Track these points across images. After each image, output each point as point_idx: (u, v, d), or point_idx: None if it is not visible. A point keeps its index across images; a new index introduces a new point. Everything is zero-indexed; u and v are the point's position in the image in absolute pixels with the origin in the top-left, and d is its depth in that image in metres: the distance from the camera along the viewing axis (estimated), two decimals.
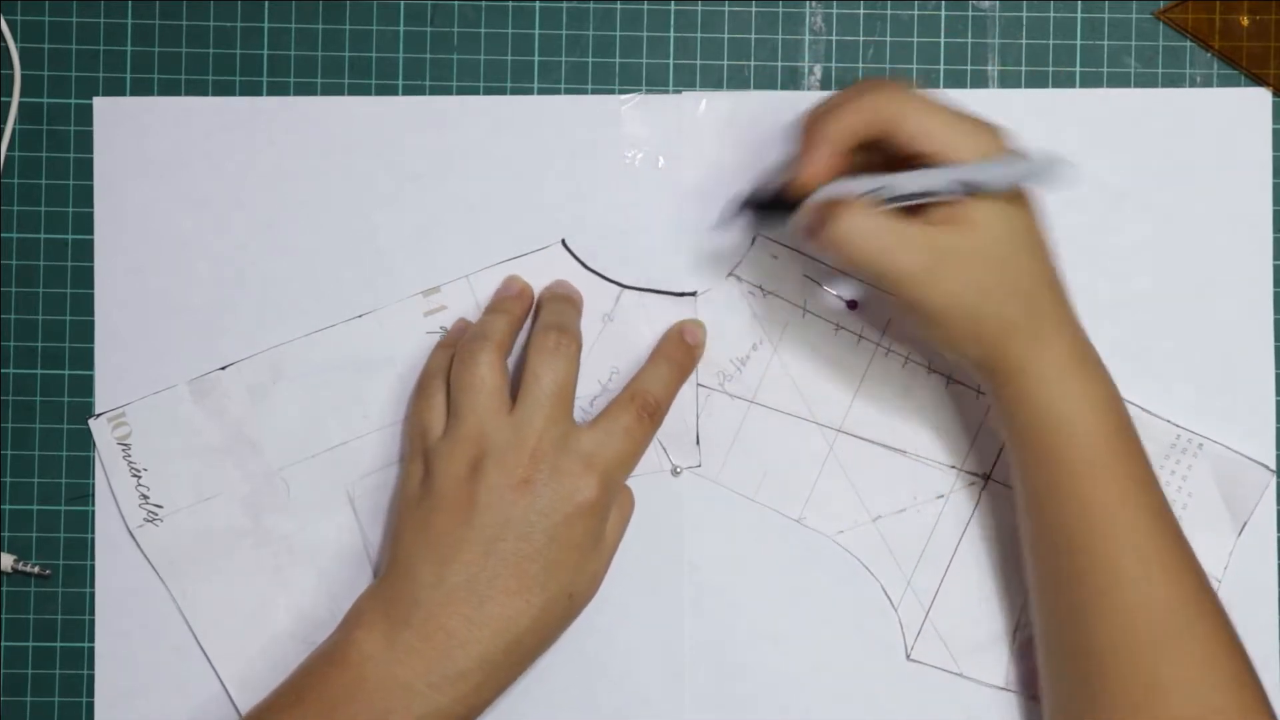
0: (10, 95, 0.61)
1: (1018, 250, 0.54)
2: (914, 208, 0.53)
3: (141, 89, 0.61)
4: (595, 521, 0.56)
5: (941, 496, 0.62)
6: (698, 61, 0.62)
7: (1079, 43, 0.62)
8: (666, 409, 0.58)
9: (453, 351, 0.58)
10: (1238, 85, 0.62)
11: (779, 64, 0.62)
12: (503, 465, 0.55)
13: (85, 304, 0.61)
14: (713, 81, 0.62)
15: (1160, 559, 0.53)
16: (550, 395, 0.55)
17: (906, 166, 0.53)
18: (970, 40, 0.62)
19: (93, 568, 0.61)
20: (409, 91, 0.62)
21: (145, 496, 0.61)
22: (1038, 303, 0.54)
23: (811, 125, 0.54)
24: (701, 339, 0.61)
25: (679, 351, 0.60)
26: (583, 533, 0.55)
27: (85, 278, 0.61)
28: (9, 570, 0.61)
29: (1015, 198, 0.54)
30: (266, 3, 0.62)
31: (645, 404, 0.57)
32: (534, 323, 0.59)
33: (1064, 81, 0.62)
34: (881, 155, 0.54)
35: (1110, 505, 0.54)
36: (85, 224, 0.61)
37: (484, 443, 0.55)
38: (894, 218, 0.53)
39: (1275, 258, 0.62)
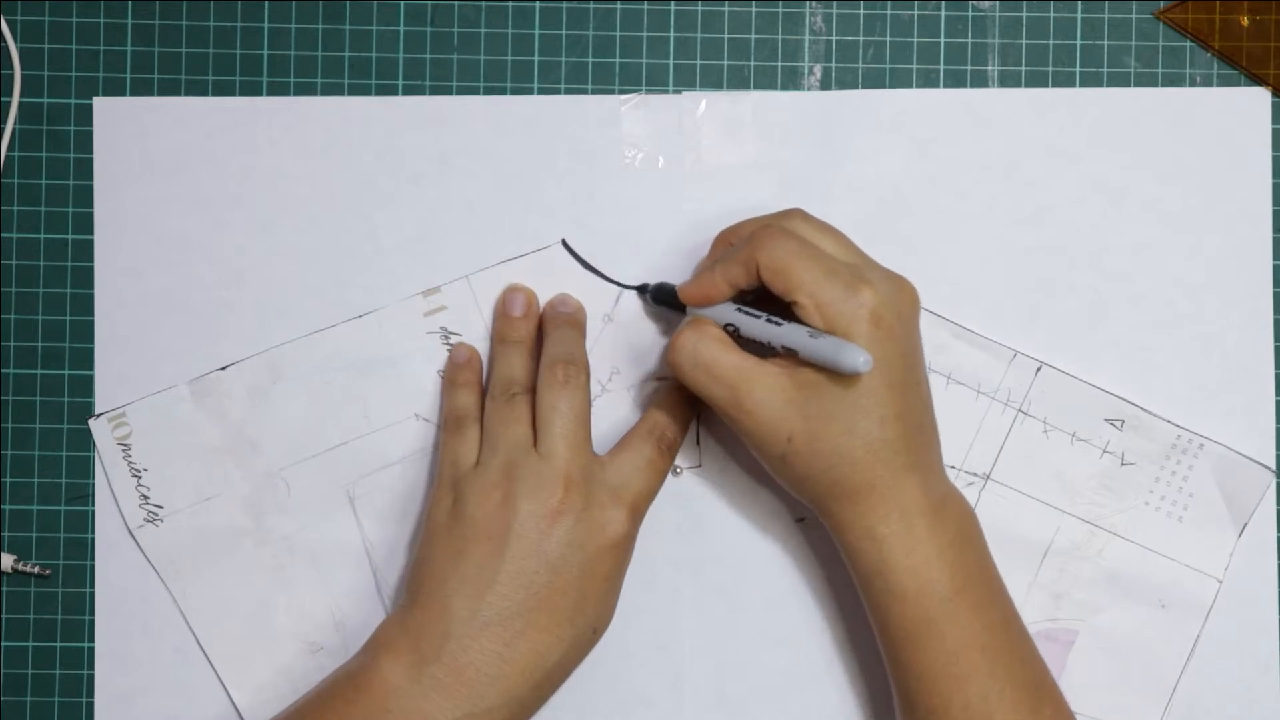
0: (10, 95, 0.61)
1: (850, 413, 0.53)
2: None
3: (141, 89, 0.61)
4: (623, 555, 0.56)
5: None
6: (698, 61, 0.62)
7: (1079, 43, 0.62)
8: (683, 440, 0.59)
9: (474, 392, 0.59)
10: (1238, 85, 0.62)
11: (779, 64, 0.62)
12: (535, 495, 0.55)
13: (85, 304, 0.61)
14: (713, 81, 0.62)
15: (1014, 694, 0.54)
16: (570, 425, 0.56)
17: (783, 305, 0.54)
18: (970, 40, 0.62)
19: (93, 568, 0.61)
20: (409, 91, 0.62)
21: (145, 497, 0.61)
22: (858, 466, 0.54)
23: (717, 245, 0.58)
24: None
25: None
26: (611, 566, 0.56)
27: (85, 278, 0.61)
28: (9, 570, 0.61)
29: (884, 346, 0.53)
30: (266, 3, 0.62)
31: (663, 438, 0.58)
32: (540, 347, 0.59)
33: (1064, 81, 0.62)
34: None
35: (962, 653, 0.54)
36: (85, 224, 0.61)
37: (515, 473, 0.55)
38: (734, 348, 0.55)
39: (1275, 258, 0.62)
